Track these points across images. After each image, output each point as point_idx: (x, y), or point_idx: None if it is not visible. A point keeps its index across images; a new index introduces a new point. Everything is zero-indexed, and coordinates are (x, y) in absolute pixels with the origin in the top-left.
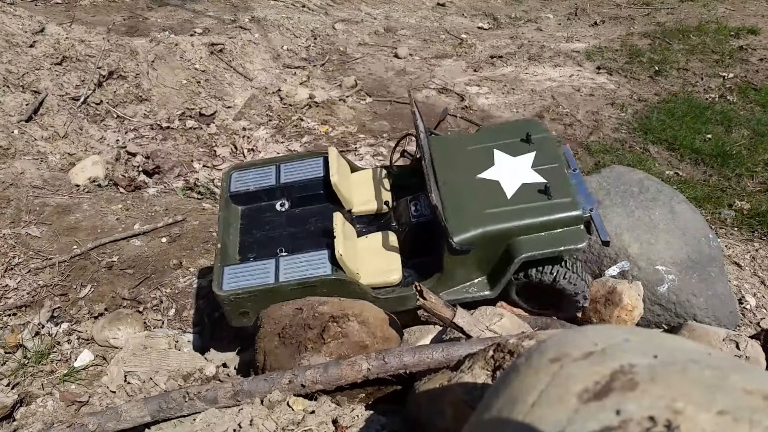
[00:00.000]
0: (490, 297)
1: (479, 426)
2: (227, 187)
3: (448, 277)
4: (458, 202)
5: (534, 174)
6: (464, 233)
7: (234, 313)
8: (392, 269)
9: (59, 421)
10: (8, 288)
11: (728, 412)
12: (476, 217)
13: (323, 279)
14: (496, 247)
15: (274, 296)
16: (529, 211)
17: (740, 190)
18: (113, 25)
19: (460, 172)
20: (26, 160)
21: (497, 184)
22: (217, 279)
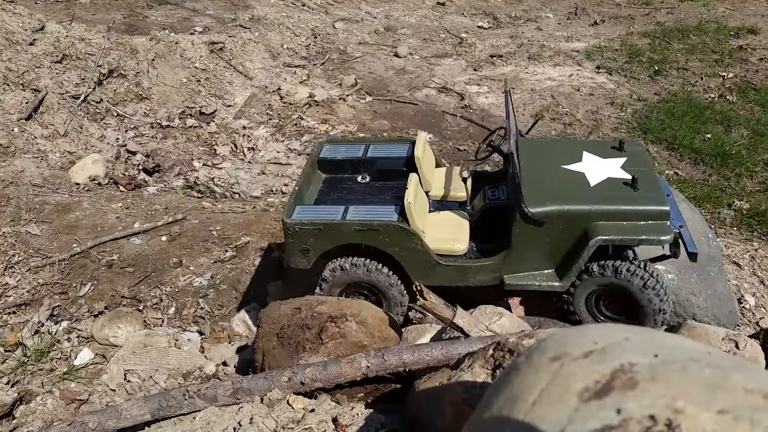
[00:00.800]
0: (558, 289)
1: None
2: (317, 153)
3: (516, 256)
4: (538, 182)
5: (622, 172)
6: (540, 206)
7: (295, 248)
8: (459, 239)
9: (59, 419)
10: (8, 286)
11: (729, 411)
12: (555, 194)
13: (387, 224)
14: (572, 230)
15: (336, 235)
16: (611, 198)
17: (739, 189)
18: (113, 23)
19: (544, 163)
20: (26, 158)
21: (581, 175)
22: (287, 210)
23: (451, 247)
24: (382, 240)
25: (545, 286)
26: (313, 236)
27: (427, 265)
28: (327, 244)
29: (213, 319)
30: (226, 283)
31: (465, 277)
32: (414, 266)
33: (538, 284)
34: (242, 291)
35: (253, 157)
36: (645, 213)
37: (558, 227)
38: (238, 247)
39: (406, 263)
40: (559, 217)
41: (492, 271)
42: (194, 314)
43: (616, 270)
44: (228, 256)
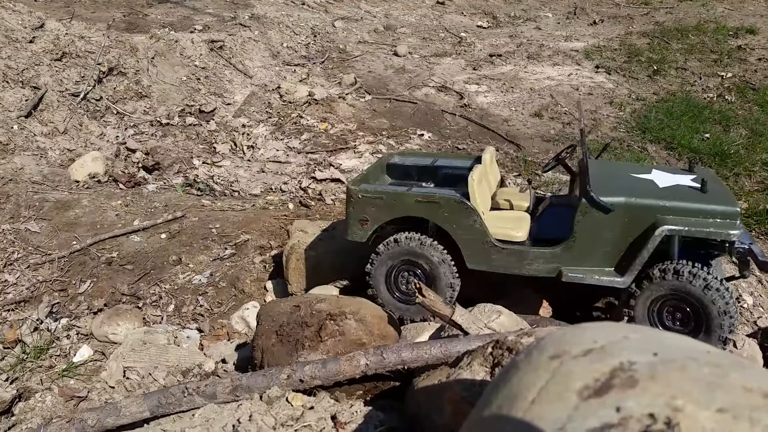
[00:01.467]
0: (619, 285)
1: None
2: (387, 158)
3: (577, 246)
4: (607, 179)
5: (691, 182)
6: (608, 196)
7: (354, 218)
8: (518, 228)
9: (58, 416)
10: (7, 283)
11: (728, 410)
12: (622, 189)
13: (448, 197)
14: (638, 222)
15: (397, 205)
16: (679, 196)
17: (738, 189)
18: (113, 21)
19: (613, 171)
20: (26, 155)
21: (650, 181)
22: (354, 181)
23: (509, 232)
24: (442, 215)
25: (605, 281)
26: (374, 206)
27: (483, 247)
28: (386, 215)
29: (212, 317)
30: (226, 281)
31: (521, 265)
32: (470, 247)
33: (598, 278)
34: (241, 288)
35: (252, 156)
36: (714, 211)
37: (624, 219)
38: (237, 244)
39: (462, 243)
40: (626, 208)
41: (550, 260)
42: (193, 312)
43: (677, 272)
44: (227, 254)
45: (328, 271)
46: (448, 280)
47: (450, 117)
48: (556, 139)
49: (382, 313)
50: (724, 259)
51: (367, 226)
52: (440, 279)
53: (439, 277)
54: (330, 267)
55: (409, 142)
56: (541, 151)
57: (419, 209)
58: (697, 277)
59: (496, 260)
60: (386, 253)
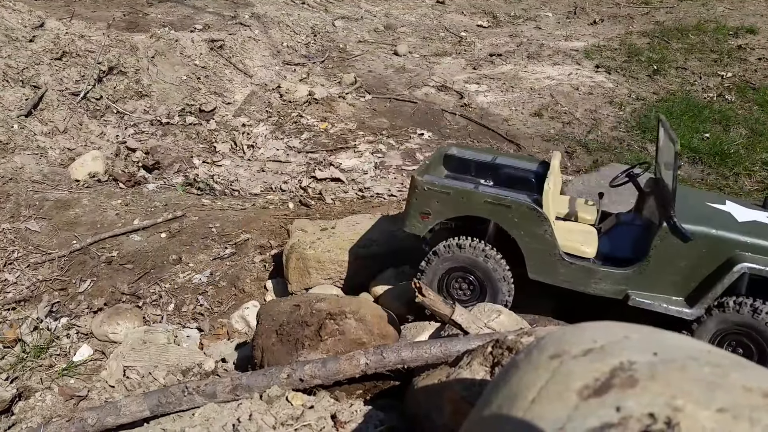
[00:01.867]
0: (687, 316)
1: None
2: (445, 149)
3: (650, 271)
4: (686, 206)
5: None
6: (689, 224)
7: (415, 210)
8: (587, 243)
9: (58, 415)
10: (7, 282)
11: (728, 410)
12: (703, 218)
13: (521, 202)
14: (716, 255)
15: (464, 204)
16: (760, 233)
17: (738, 189)
18: (113, 20)
19: (689, 198)
20: (26, 154)
21: (727, 213)
22: (420, 170)
23: (579, 247)
24: (511, 219)
25: (673, 311)
26: (439, 200)
27: (550, 258)
28: (451, 211)
29: (212, 316)
30: (226, 280)
31: (587, 282)
32: (536, 256)
33: (666, 306)
34: (241, 288)
35: (252, 155)
36: None
37: (701, 250)
38: (237, 244)
39: (528, 251)
40: (706, 239)
41: (618, 282)
42: (193, 311)
43: (754, 309)
44: (227, 253)
45: (328, 270)
46: (504, 297)
47: (450, 116)
48: (556, 139)
49: (382, 313)
50: None
51: (429, 220)
52: (495, 294)
53: (493, 292)
54: (330, 266)
55: (409, 142)
56: (541, 151)
57: (487, 210)
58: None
59: (563, 274)
60: (445, 255)
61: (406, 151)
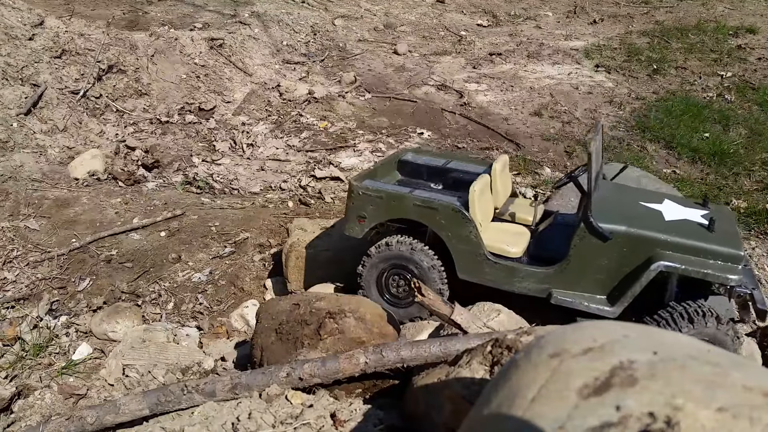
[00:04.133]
0: (608, 314)
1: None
2: (400, 155)
3: (570, 270)
4: (611, 205)
5: (701, 218)
6: (608, 223)
7: (353, 214)
8: (515, 243)
9: (57, 414)
10: (7, 281)
11: (728, 409)
12: (626, 217)
13: (447, 204)
14: (636, 254)
15: (395, 207)
16: (683, 232)
17: (737, 188)
18: (113, 19)
19: (623, 197)
20: (25, 153)
21: (657, 212)
22: (357, 177)
23: (504, 247)
24: (438, 221)
25: (594, 309)
26: (373, 204)
27: (476, 258)
28: (384, 215)
29: (212, 315)
30: (225, 279)
31: (512, 281)
32: (463, 256)
33: (587, 305)
34: (241, 287)
35: (252, 154)
36: (716, 252)
37: (622, 248)
38: (236, 242)
39: (455, 252)
40: (625, 238)
41: (541, 281)
42: (193, 309)
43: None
44: (227, 252)
45: (327, 269)
46: (437, 285)
47: (450, 116)
48: (555, 138)
49: (382, 312)
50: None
51: (365, 223)
52: (429, 284)
53: (428, 283)
54: (329, 265)
55: (408, 141)
56: (540, 150)
57: (417, 213)
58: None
59: (488, 274)
60: (377, 255)
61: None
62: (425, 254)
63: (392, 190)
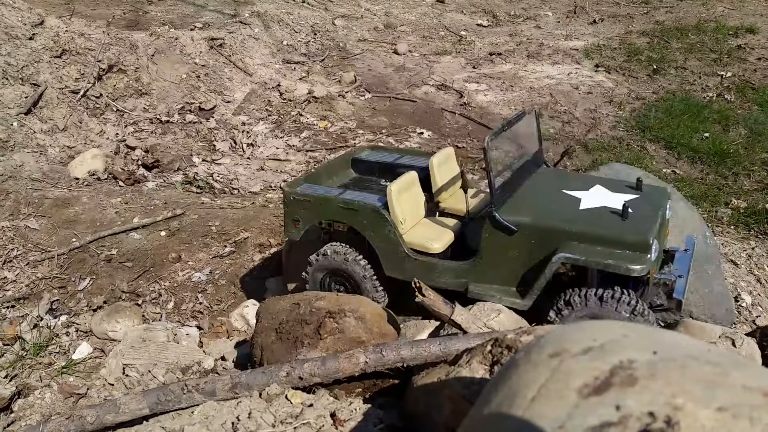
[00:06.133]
0: (520, 307)
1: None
2: (354, 152)
3: (482, 264)
4: (524, 197)
5: (620, 204)
6: (513, 215)
7: (288, 218)
8: (438, 239)
9: (57, 413)
10: (7, 280)
11: (728, 409)
12: (534, 209)
13: (365, 205)
14: (543, 246)
15: (322, 210)
16: (591, 221)
17: (737, 188)
18: (113, 18)
19: (547, 186)
20: (25, 152)
21: (576, 200)
22: (292, 183)
23: (425, 243)
24: (360, 222)
25: (506, 301)
26: (304, 208)
27: (397, 256)
28: (313, 218)
29: (212, 314)
30: (225, 278)
31: (431, 276)
32: (386, 254)
33: (499, 297)
34: (241, 286)
35: (252, 153)
36: (623, 241)
37: (529, 241)
38: (236, 242)
39: (379, 250)
40: (531, 230)
41: (458, 275)
42: (193, 309)
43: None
44: (227, 252)
45: None
46: (371, 294)
47: (450, 115)
48: (555, 138)
49: (382, 311)
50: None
51: (300, 225)
52: (365, 293)
53: (363, 292)
54: None
55: (408, 141)
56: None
57: (341, 215)
58: (621, 303)
59: (410, 270)
60: (316, 264)
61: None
62: (358, 264)
63: (318, 193)
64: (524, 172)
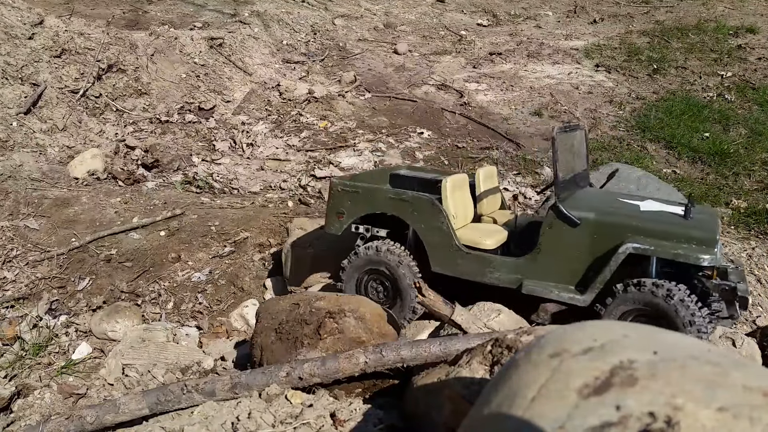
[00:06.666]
0: (579, 303)
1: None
2: (393, 168)
3: (541, 259)
4: (586, 198)
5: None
6: (578, 210)
7: (332, 211)
8: (490, 237)
9: (57, 413)
10: (6, 280)
11: (728, 409)
12: (598, 207)
13: (419, 196)
14: (606, 240)
15: (371, 201)
16: (657, 219)
17: (737, 188)
18: (113, 18)
19: (600, 194)
20: (25, 152)
21: (635, 205)
22: (340, 177)
23: (477, 239)
24: (411, 213)
25: (565, 298)
26: (350, 200)
27: (448, 250)
28: (360, 210)
29: (211, 314)
30: (225, 279)
31: (484, 272)
32: (436, 248)
33: (557, 293)
34: (240, 286)
35: (251, 153)
36: (689, 236)
37: (592, 235)
38: (236, 242)
39: (429, 244)
40: (595, 224)
41: (512, 271)
42: (192, 309)
43: (639, 285)
44: (226, 252)
45: (327, 269)
46: (408, 280)
47: (450, 115)
48: None
49: (382, 312)
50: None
51: (343, 219)
52: (401, 279)
53: (399, 278)
54: (329, 265)
55: (408, 141)
56: (540, 150)
57: (390, 206)
58: (659, 287)
59: (461, 265)
60: (351, 265)
61: (405, 149)
62: (391, 252)
63: (368, 185)
64: (576, 183)
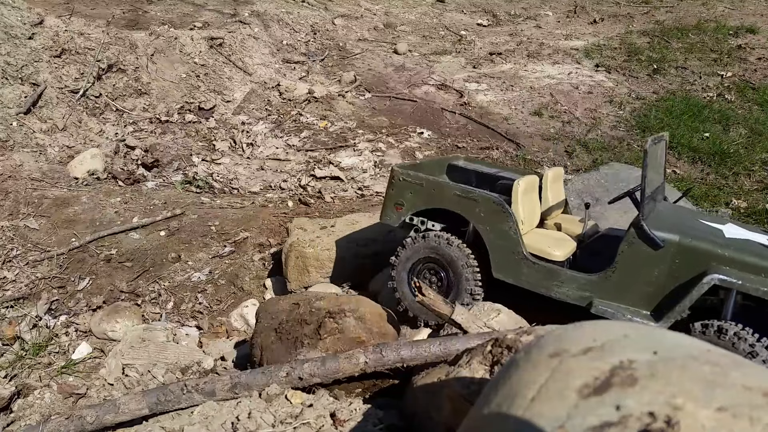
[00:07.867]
0: None
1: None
2: (451, 158)
3: (616, 278)
4: (668, 217)
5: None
6: (661, 231)
7: (391, 201)
8: (559, 247)
9: (57, 413)
10: (6, 280)
11: (728, 409)
12: (682, 229)
13: (487, 197)
14: (689, 266)
15: (435, 195)
16: (744, 249)
17: (737, 188)
18: (113, 18)
19: (683, 215)
20: (25, 152)
21: (718, 229)
22: (401, 164)
23: (546, 249)
24: (477, 213)
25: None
26: (412, 191)
27: (513, 257)
28: (422, 203)
29: (211, 314)
30: (225, 278)
31: (550, 285)
32: (500, 253)
33: (630, 318)
34: (240, 286)
35: (251, 153)
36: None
37: (674, 259)
38: (236, 242)
39: (493, 248)
40: (679, 248)
41: (583, 288)
42: (192, 309)
43: (720, 330)
44: (226, 251)
45: (327, 269)
46: (469, 286)
47: (450, 115)
48: (555, 138)
49: (382, 311)
50: None
51: (402, 211)
52: (461, 283)
53: (460, 281)
54: (329, 265)
55: (408, 140)
56: (540, 150)
57: (456, 204)
58: (742, 339)
59: (526, 275)
60: (412, 247)
61: (405, 149)
62: (461, 250)
63: (433, 178)
64: (653, 198)
